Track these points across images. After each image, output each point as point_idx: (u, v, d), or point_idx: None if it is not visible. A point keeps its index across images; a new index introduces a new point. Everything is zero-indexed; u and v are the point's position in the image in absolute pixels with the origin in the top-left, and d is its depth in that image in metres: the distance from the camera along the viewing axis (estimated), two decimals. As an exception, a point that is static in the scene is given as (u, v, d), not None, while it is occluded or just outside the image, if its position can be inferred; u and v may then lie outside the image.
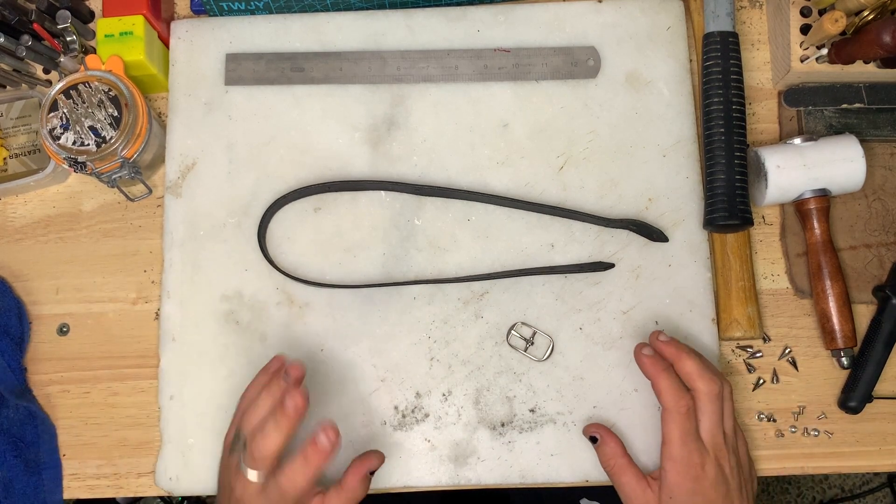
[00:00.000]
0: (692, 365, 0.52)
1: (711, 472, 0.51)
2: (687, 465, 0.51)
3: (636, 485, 0.53)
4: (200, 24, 0.65)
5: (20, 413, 0.61)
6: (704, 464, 0.51)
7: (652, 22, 0.64)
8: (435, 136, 0.63)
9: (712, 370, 0.53)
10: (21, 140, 0.64)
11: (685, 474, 0.51)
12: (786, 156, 0.59)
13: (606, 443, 0.55)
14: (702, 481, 0.51)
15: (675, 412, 0.51)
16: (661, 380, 0.52)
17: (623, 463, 0.54)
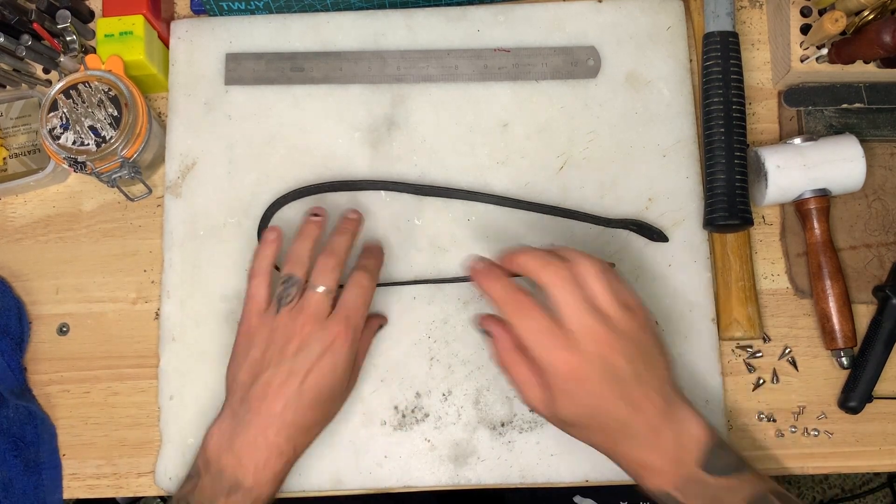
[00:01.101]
0: (525, 258, 0.48)
1: (589, 369, 0.45)
2: (561, 366, 0.46)
3: (527, 379, 0.49)
4: (200, 24, 0.65)
5: (20, 413, 0.61)
6: (577, 361, 0.45)
7: (652, 22, 0.64)
8: (435, 136, 0.63)
9: (556, 256, 0.48)
10: (21, 140, 0.64)
11: (564, 377, 0.46)
12: (786, 156, 0.59)
13: (499, 337, 0.50)
14: (584, 382, 0.46)
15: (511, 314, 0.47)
16: (492, 290, 0.49)
17: (516, 358, 0.49)
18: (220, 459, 0.49)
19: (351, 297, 0.52)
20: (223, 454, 0.49)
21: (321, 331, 0.50)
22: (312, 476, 0.58)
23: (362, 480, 0.58)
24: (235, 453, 0.49)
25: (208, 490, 0.49)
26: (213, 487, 0.49)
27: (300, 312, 0.51)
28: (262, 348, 0.51)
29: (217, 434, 0.51)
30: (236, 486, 0.49)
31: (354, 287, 0.53)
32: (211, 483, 0.49)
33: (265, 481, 0.49)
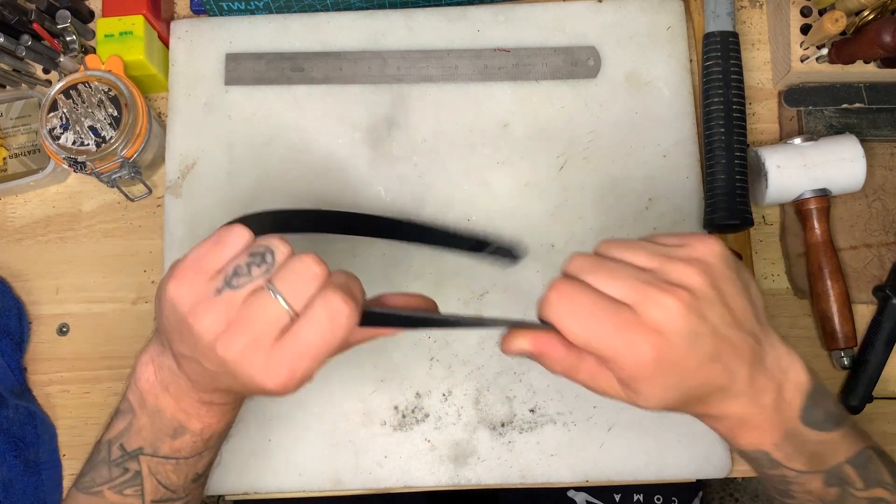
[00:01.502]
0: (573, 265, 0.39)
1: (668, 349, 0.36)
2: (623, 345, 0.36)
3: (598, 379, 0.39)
4: (200, 24, 0.65)
5: (20, 413, 0.61)
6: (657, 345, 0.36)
7: (652, 22, 0.64)
8: (435, 136, 0.63)
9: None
10: (21, 140, 0.64)
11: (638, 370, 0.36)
12: (786, 156, 0.58)
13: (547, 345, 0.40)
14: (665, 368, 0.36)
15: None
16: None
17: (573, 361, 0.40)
18: (158, 399, 0.42)
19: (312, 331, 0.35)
20: (159, 394, 0.42)
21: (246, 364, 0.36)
22: (312, 476, 0.58)
23: (362, 480, 0.58)
24: (174, 396, 0.42)
25: (147, 430, 0.42)
26: (154, 428, 0.42)
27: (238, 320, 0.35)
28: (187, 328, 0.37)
29: (149, 370, 0.42)
30: (182, 430, 0.42)
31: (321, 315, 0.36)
32: (150, 422, 0.42)
33: (214, 422, 0.43)
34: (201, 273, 0.36)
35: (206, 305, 0.35)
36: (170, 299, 0.37)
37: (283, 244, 0.37)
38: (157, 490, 0.43)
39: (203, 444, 0.44)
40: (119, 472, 0.43)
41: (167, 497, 0.44)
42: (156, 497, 0.43)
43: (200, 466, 0.45)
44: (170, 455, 0.43)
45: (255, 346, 0.35)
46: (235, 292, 0.35)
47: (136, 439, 0.43)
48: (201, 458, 0.44)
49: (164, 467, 0.43)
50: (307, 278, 0.36)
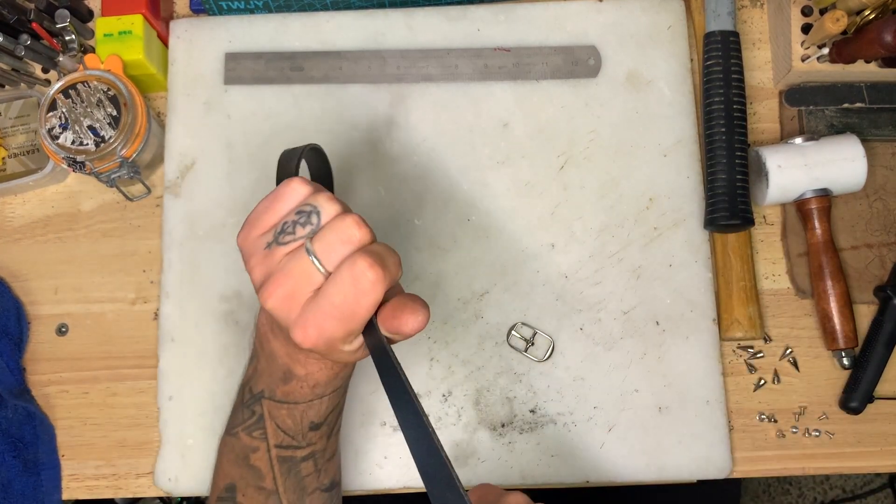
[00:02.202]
0: None
1: None
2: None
3: None
4: (199, 24, 0.65)
5: (19, 413, 0.60)
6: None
7: (653, 21, 0.64)
8: (435, 136, 0.62)
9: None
10: (20, 139, 0.64)
11: None
12: (787, 155, 0.58)
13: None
14: None
15: None
16: None
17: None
18: (270, 342, 0.44)
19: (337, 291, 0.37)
20: (271, 338, 0.44)
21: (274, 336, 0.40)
22: (312, 477, 0.57)
23: (362, 481, 0.58)
24: (279, 340, 0.43)
25: (266, 373, 0.45)
26: (270, 371, 0.44)
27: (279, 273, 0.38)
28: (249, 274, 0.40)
29: (265, 314, 0.44)
30: (290, 374, 0.44)
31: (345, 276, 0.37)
32: (267, 365, 0.45)
33: (315, 370, 0.43)
34: (257, 228, 0.40)
35: (257, 258, 0.39)
36: (240, 249, 0.40)
37: (331, 204, 0.38)
38: (276, 433, 0.45)
39: (310, 391, 0.44)
40: (248, 415, 0.46)
41: (288, 443, 0.45)
42: (278, 441, 0.45)
43: (313, 414, 0.45)
44: (282, 399, 0.44)
45: (291, 299, 0.37)
46: (280, 248, 0.38)
47: (259, 382, 0.45)
48: (311, 405, 0.45)
49: (279, 411, 0.45)
50: (343, 240, 0.37)
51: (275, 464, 0.46)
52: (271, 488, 0.46)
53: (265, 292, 0.38)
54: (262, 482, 0.46)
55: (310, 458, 0.47)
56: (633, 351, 0.59)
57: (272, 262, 0.38)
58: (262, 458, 0.46)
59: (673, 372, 0.58)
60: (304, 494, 0.47)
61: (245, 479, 0.46)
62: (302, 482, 0.47)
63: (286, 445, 0.46)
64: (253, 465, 0.46)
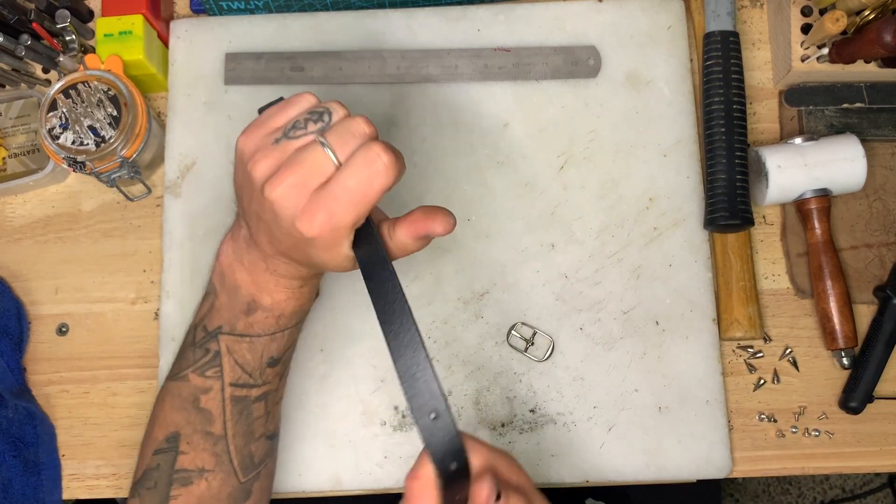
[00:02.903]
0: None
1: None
2: None
3: None
4: (200, 24, 0.65)
5: (19, 413, 0.60)
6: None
7: (652, 21, 0.64)
8: (435, 136, 0.62)
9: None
10: (20, 140, 0.64)
11: None
12: (787, 155, 0.58)
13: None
14: None
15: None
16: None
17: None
18: (235, 274, 0.44)
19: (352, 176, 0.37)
20: (236, 268, 0.44)
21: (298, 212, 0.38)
22: (312, 476, 0.58)
23: (362, 481, 0.58)
24: (247, 269, 0.44)
25: (226, 308, 0.45)
26: (231, 305, 0.45)
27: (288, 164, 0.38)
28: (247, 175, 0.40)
29: (229, 246, 0.45)
30: (255, 305, 0.44)
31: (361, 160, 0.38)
32: (228, 300, 0.45)
33: (283, 299, 0.44)
34: (265, 128, 0.40)
35: (263, 152, 0.39)
36: (238, 150, 0.41)
37: (341, 107, 0.40)
38: (234, 370, 0.45)
39: (274, 322, 0.45)
40: (202, 354, 0.46)
41: (244, 381, 0.45)
42: (234, 378, 0.45)
43: (274, 349, 0.46)
44: (244, 332, 0.45)
45: (299, 187, 0.38)
46: (291, 142, 0.39)
47: (216, 318, 0.45)
48: (273, 338, 0.46)
49: (239, 345, 0.45)
50: (356, 134, 0.38)
51: (227, 404, 0.45)
52: (219, 433, 0.45)
53: (273, 182, 0.38)
54: (210, 426, 0.45)
55: (262, 399, 0.47)
56: (633, 351, 0.59)
57: (282, 154, 0.39)
58: (214, 398, 0.45)
59: (673, 372, 0.58)
60: (251, 440, 0.47)
61: (192, 424, 0.45)
62: (251, 426, 0.47)
63: (242, 384, 0.45)
64: (202, 408, 0.45)
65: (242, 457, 0.46)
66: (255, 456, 0.47)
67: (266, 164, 0.39)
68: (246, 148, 0.40)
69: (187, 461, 0.45)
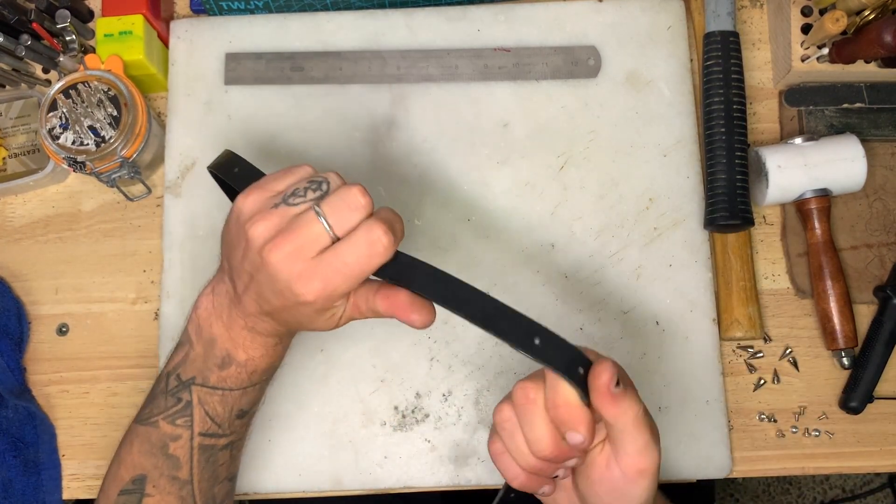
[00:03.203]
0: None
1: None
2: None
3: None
4: (200, 24, 0.65)
5: (19, 413, 0.60)
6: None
7: (652, 21, 0.64)
8: (435, 136, 0.62)
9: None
10: (20, 140, 0.64)
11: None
12: (787, 155, 0.58)
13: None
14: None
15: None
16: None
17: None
18: (212, 327, 0.46)
19: (351, 252, 0.40)
20: (213, 322, 0.46)
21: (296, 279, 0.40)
22: (312, 476, 0.58)
23: (362, 480, 0.58)
24: (225, 324, 0.45)
25: (200, 360, 0.46)
26: (206, 357, 0.46)
27: (287, 230, 0.40)
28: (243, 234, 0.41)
29: (208, 300, 0.46)
30: (229, 360, 0.45)
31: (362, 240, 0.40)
32: (203, 352, 0.46)
33: (258, 356, 0.46)
34: (266, 191, 0.42)
35: (262, 214, 0.41)
36: (236, 209, 0.42)
37: (337, 177, 0.42)
38: (204, 421, 0.46)
39: (247, 378, 0.46)
40: (173, 402, 0.46)
41: (213, 431, 0.47)
42: (203, 429, 0.46)
43: (244, 402, 0.47)
44: (217, 385, 0.46)
45: (296, 255, 0.39)
46: (289, 209, 0.40)
47: (190, 369, 0.46)
48: (245, 392, 0.47)
49: (211, 398, 0.46)
50: (352, 207, 0.40)
51: (195, 452, 0.47)
52: (186, 478, 0.47)
53: (272, 246, 0.40)
54: (177, 472, 0.46)
55: (228, 447, 0.48)
56: (633, 351, 0.59)
57: (281, 219, 0.40)
58: (183, 446, 0.46)
59: (673, 372, 0.58)
60: (215, 483, 0.48)
61: (159, 468, 0.46)
62: (216, 471, 0.48)
63: (210, 433, 0.47)
64: (171, 454, 0.46)
65: (206, 499, 0.48)
66: (218, 497, 0.49)
67: (264, 227, 0.40)
68: (245, 208, 0.42)
69: (152, 503, 0.46)
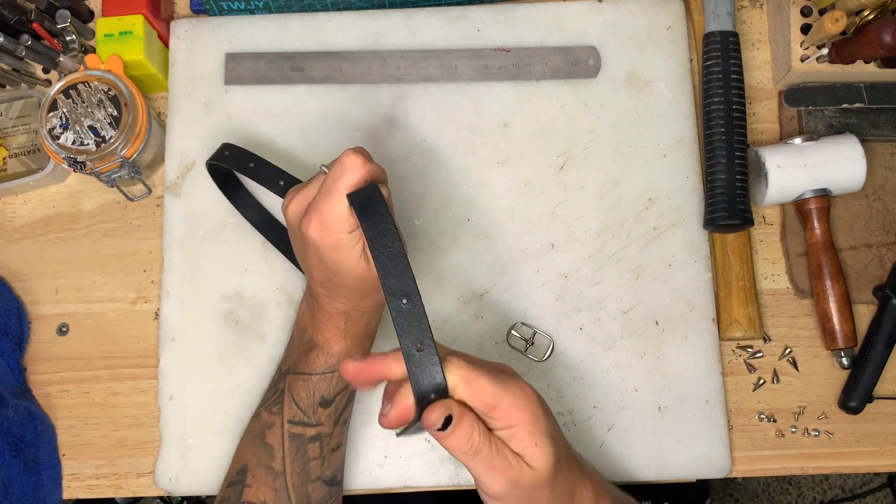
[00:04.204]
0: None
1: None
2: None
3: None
4: (200, 24, 0.65)
5: (20, 413, 0.60)
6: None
7: (652, 21, 0.64)
8: (435, 136, 0.62)
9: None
10: (20, 140, 0.64)
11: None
12: (786, 155, 0.58)
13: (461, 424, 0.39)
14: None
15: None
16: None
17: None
18: (304, 319, 0.52)
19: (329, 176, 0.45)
20: (306, 315, 0.52)
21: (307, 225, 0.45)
22: (312, 476, 0.58)
23: (362, 480, 0.58)
24: (311, 313, 0.51)
25: (295, 350, 0.52)
26: (298, 346, 0.52)
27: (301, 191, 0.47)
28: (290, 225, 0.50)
29: (304, 299, 0.53)
30: (312, 343, 0.51)
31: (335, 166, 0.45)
32: (297, 343, 0.52)
33: (330, 337, 0.50)
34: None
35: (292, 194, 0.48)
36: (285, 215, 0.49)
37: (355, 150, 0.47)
38: (291, 407, 0.51)
39: (325, 361, 0.50)
40: (273, 392, 0.52)
41: (299, 419, 0.50)
42: (291, 415, 0.50)
43: (324, 388, 0.51)
44: (303, 370, 0.51)
45: (303, 200, 0.46)
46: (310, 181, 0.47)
47: (287, 360, 0.52)
48: (323, 378, 0.50)
49: (297, 383, 0.51)
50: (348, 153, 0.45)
51: (286, 440, 0.50)
52: (279, 469, 0.50)
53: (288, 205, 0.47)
54: (272, 461, 0.50)
55: (317, 440, 0.50)
56: (633, 351, 0.59)
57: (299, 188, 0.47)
58: (275, 433, 0.50)
59: (672, 372, 0.58)
60: (307, 480, 0.50)
61: (257, 457, 0.50)
62: (307, 466, 0.50)
63: (297, 421, 0.50)
64: (266, 443, 0.50)
65: (300, 496, 0.50)
66: (312, 497, 0.50)
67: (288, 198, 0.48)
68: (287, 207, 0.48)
69: (251, 494, 0.50)
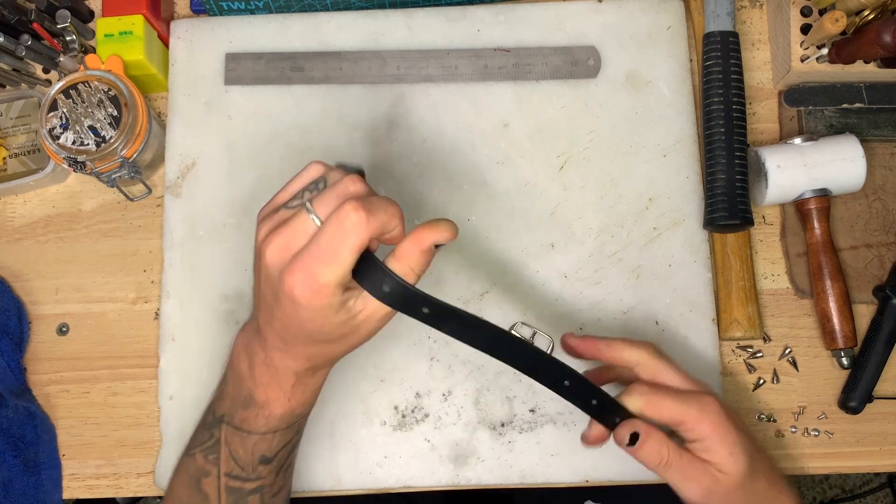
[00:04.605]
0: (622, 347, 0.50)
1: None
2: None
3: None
4: (200, 24, 0.65)
5: (19, 413, 0.60)
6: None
7: (652, 21, 0.64)
8: (435, 136, 0.62)
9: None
10: (20, 140, 0.64)
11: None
12: (786, 155, 0.58)
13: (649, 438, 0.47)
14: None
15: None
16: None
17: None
18: (239, 364, 0.46)
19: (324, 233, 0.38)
20: (242, 359, 0.46)
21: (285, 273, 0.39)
22: (312, 476, 0.58)
23: (362, 480, 0.58)
24: (249, 359, 0.45)
25: (230, 397, 0.46)
26: (234, 395, 0.46)
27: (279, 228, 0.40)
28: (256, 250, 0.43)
29: (241, 335, 0.47)
30: (250, 400, 0.45)
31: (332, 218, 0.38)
32: (233, 389, 0.46)
33: (273, 398, 0.45)
34: (273, 204, 0.43)
35: (265, 222, 0.42)
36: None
37: (339, 173, 0.42)
38: (228, 461, 0.46)
39: (264, 422, 0.45)
40: (207, 437, 0.47)
41: (237, 474, 0.46)
42: (228, 469, 0.46)
43: (264, 448, 0.46)
44: (239, 426, 0.46)
45: (286, 248, 0.39)
46: (287, 211, 0.41)
47: (222, 405, 0.47)
48: (263, 438, 0.46)
49: (233, 438, 0.46)
50: (339, 195, 0.40)
51: (222, 493, 0.46)
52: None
53: (265, 243, 0.40)
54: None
55: (257, 493, 0.47)
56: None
57: (276, 222, 0.41)
58: (212, 483, 0.47)
59: (672, 372, 0.58)
60: None
61: (193, 502, 0.47)
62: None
63: (235, 476, 0.46)
64: (202, 490, 0.47)
65: None
66: None
67: (265, 230, 0.41)
68: (258, 222, 0.43)
69: None
